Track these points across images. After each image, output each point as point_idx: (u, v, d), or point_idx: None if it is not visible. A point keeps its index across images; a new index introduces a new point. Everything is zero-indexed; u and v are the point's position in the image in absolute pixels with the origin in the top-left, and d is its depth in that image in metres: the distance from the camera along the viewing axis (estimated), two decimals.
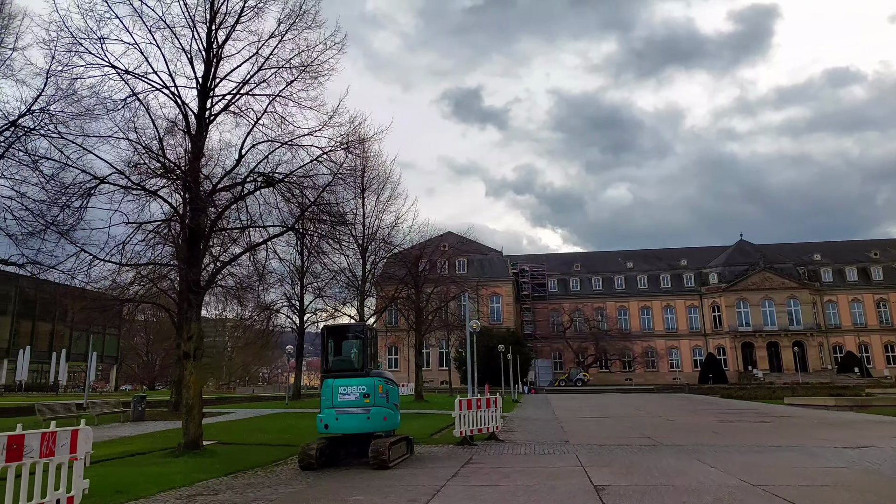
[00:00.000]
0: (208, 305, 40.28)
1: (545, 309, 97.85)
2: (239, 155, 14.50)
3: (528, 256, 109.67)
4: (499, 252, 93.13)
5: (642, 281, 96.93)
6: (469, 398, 14.87)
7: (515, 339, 75.29)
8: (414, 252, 40.01)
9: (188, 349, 13.41)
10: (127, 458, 12.55)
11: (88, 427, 6.87)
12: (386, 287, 38.13)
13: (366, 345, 11.27)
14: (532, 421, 23.00)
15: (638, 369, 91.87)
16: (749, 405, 33.53)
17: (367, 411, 10.85)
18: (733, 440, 15.40)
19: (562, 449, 13.81)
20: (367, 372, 11.13)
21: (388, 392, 11.34)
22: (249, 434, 17.65)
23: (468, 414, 14.57)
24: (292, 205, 14.91)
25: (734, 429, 18.85)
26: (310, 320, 40.51)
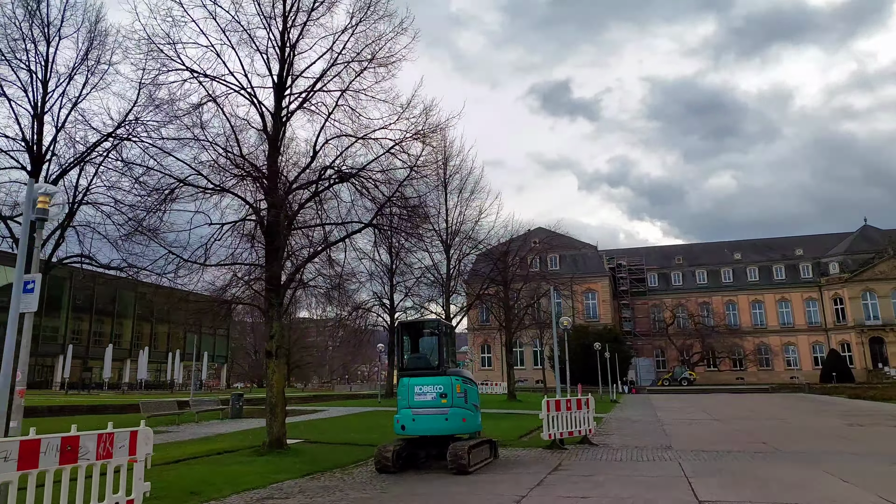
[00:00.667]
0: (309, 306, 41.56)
1: (645, 305, 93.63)
2: (313, 151, 14.34)
3: (624, 250, 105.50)
4: (593, 247, 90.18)
5: (752, 273, 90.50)
6: (558, 398, 13.89)
7: (613, 336, 72.48)
8: (501, 248, 39.23)
9: (270, 348, 13.37)
10: (214, 456, 12.64)
11: (148, 428, 6.65)
12: (473, 284, 37.56)
13: (441, 342, 10.64)
14: (631, 423, 21.54)
15: (750, 368, 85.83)
16: (881, 406, 29.99)
17: (445, 412, 10.22)
18: (866, 447, 13.45)
19: (663, 455, 12.54)
20: (443, 370, 10.50)
21: (466, 392, 10.65)
22: (337, 433, 17.56)
23: (557, 416, 13.60)
24: (368, 199, 14.56)
25: (866, 434, 16.61)
26: (400, 319, 40.68)
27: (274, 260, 13.67)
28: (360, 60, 14.57)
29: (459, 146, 28.14)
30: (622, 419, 23.58)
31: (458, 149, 28.50)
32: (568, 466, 11.13)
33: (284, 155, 14.78)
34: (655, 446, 14.10)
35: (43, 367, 61.84)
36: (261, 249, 15.76)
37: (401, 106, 14.76)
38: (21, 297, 6.95)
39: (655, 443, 14.83)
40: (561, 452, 13.01)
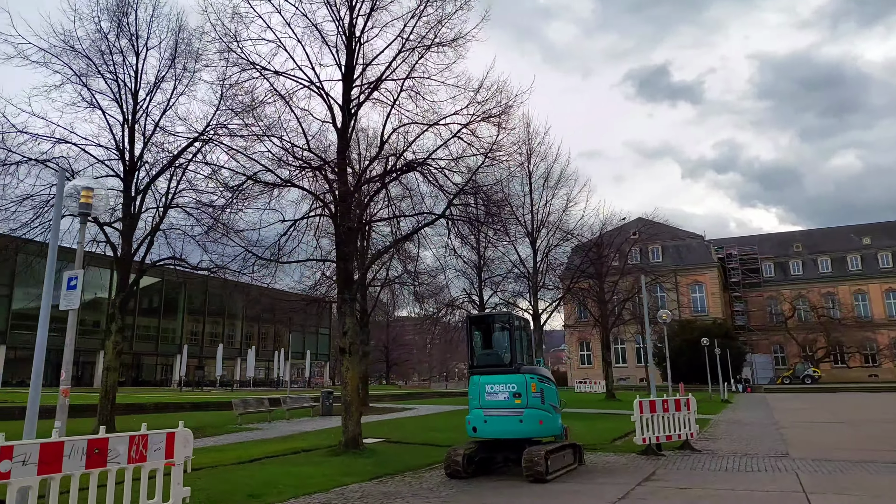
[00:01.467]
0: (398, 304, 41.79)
1: (759, 297, 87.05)
2: (381, 141, 13.86)
3: (735, 239, 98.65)
4: (699, 236, 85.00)
5: (885, 259, 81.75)
6: (652, 399, 12.55)
7: (724, 331, 67.82)
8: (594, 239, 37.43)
9: (344, 345, 13.02)
10: (289, 455, 12.45)
11: (187, 430, 6.28)
12: (566, 279, 36.02)
13: (513, 337, 9.73)
14: (742, 425, 19.51)
15: (885, 364, 77.50)
16: None
17: (520, 413, 9.32)
18: None
19: (777, 465, 10.93)
20: (516, 368, 9.60)
21: (542, 391, 9.68)
22: (420, 432, 17.05)
23: (652, 418, 12.28)
24: (438, 189, 13.89)
25: None
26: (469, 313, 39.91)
27: (345, 256, 13.30)
28: (428, 45, 13.93)
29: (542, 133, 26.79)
30: (732, 421, 21.49)
31: (540, 135, 27.15)
32: (662, 476, 9.87)
33: (353, 148, 14.38)
34: (769, 454, 12.40)
35: (163, 366, 66.55)
36: None
37: (473, 90, 13.99)
38: (64, 294, 6.81)
39: (769, 449, 13.09)
40: (656, 459, 11.71)
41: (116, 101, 17.16)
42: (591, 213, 29.41)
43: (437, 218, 14.62)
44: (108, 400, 15.65)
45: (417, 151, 13.89)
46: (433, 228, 16.45)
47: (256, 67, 13.33)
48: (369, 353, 30.77)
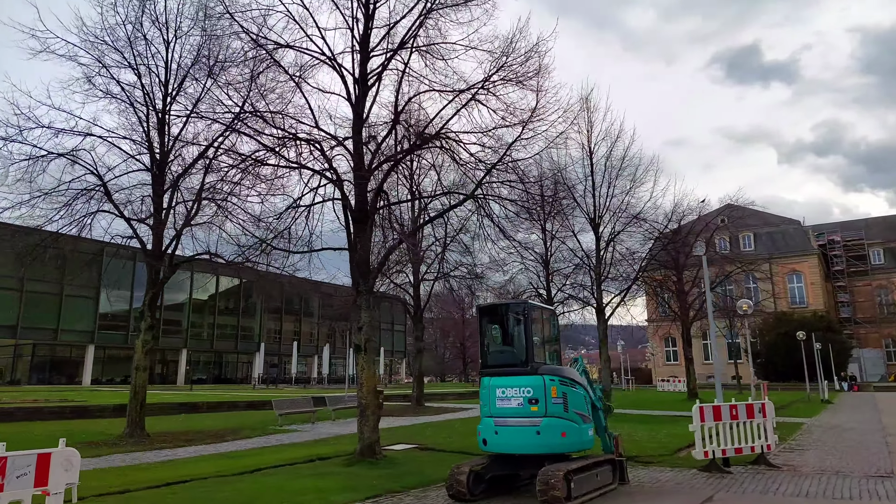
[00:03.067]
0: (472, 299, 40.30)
1: (867, 286, 79.38)
2: (395, 114, 12.43)
3: (837, 224, 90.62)
4: (796, 221, 78.48)
5: None
6: (717, 404, 10.47)
7: (825, 324, 62.06)
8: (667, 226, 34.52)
9: (359, 341, 11.74)
10: (301, 464, 11.33)
11: (70, 449, 5.13)
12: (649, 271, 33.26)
13: (529, 329, 8.06)
14: (840, 432, 16.73)
15: None
16: None
17: (537, 423, 7.68)
18: None
19: (878, 489, 8.67)
20: (533, 368, 7.94)
21: (565, 396, 7.97)
22: (463, 437, 15.55)
23: (716, 427, 10.22)
24: (462, 167, 12.36)
25: None
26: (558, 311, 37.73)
27: (360, 243, 12.02)
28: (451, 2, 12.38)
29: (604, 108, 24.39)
30: (830, 427, 18.62)
31: (601, 111, 24.83)
32: (721, 500, 7.94)
33: (369, 125, 13.08)
34: (868, 472, 10.04)
35: (244, 364, 68.48)
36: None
37: (503, 53, 12.32)
38: None
39: (869, 466, 10.67)
40: (720, 478, 9.67)
41: (145, 93, 16.75)
42: (660, 194, 26.07)
43: (465, 199, 13.10)
44: (137, 401, 15.21)
45: (438, 124, 12.39)
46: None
47: (256, 41, 12.26)
48: (423, 350, 29.49)
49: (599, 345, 24.94)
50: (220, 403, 25.16)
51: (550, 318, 9.04)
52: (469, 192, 12.97)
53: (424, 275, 27.55)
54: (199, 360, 65.60)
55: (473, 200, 12.80)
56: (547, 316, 8.90)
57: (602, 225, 24.13)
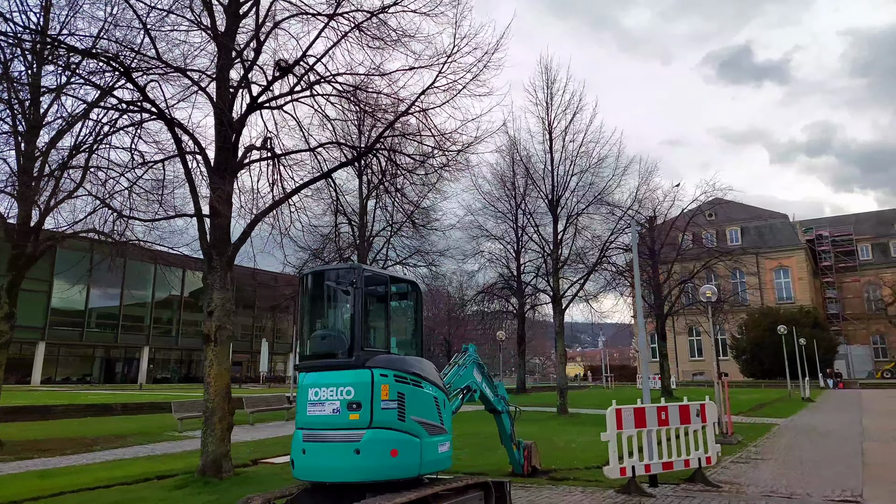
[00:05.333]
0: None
1: (856, 282, 77.88)
2: (257, 41, 10.02)
3: (827, 219, 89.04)
4: (783, 215, 76.66)
5: None
6: (641, 406, 8.26)
7: (812, 320, 60.26)
8: (646, 213, 32.39)
9: (208, 330, 9.44)
10: (133, 484, 9.06)
11: None
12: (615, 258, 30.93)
13: (358, 306, 5.80)
14: (813, 437, 14.60)
15: None
16: None
17: (356, 437, 5.43)
18: None
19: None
20: (358, 359, 5.69)
21: (402, 398, 5.71)
22: None
23: (638, 435, 8.03)
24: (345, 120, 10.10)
25: None
26: (530, 303, 35.48)
27: (217, 205, 9.70)
28: None
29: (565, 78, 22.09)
30: (803, 429, 16.51)
31: (562, 81, 22.38)
32: None
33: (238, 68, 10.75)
34: (830, 497, 7.84)
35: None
36: None
37: None
38: None
39: (834, 486, 8.48)
40: (638, 502, 7.49)
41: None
42: (623, 173, 23.21)
43: (358, 156, 10.86)
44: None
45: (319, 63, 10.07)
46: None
47: None
48: None
49: (556, 338, 22.71)
50: (141, 405, 22.77)
51: (408, 292, 6.75)
52: (366, 146, 10.73)
53: (372, 263, 25.27)
54: (169, 359, 63.19)
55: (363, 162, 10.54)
56: (400, 289, 6.63)
57: (561, 206, 21.89)
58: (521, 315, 35.96)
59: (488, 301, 38.50)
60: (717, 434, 13.70)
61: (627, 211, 23.23)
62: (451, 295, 60.87)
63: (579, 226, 23.19)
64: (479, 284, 38.84)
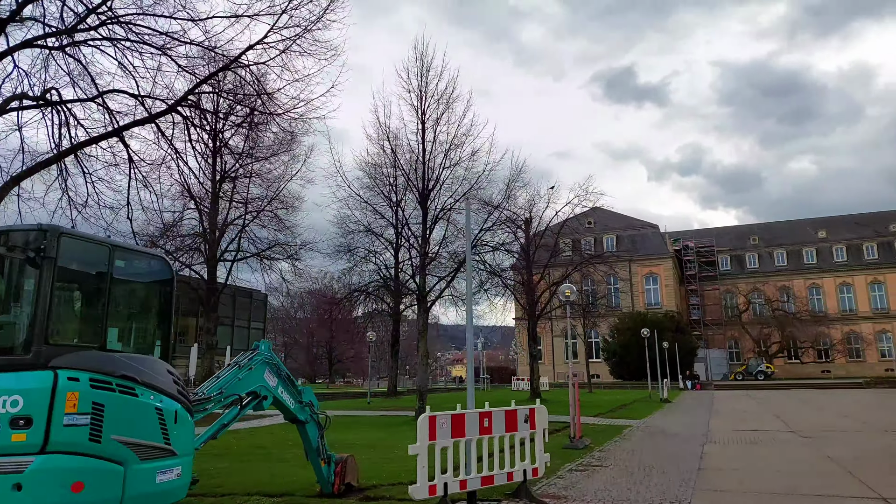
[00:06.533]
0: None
1: (716, 290, 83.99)
2: None
3: (692, 231, 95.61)
4: (654, 225, 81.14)
5: (839, 253, 79.40)
6: (459, 412, 7.21)
7: (675, 325, 63.95)
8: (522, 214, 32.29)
9: None
10: None
11: None
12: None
13: (47, 283, 4.23)
14: (660, 439, 14.46)
15: (838, 359, 74.94)
16: None
17: (19, 467, 3.87)
18: None
19: None
20: (37, 355, 4.12)
21: (99, 411, 4.20)
22: None
23: (454, 446, 6.96)
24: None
25: None
26: (407, 303, 34.36)
27: None
28: None
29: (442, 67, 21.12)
30: (654, 431, 16.50)
31: (428, 56, 21.25)
32: None
33: None
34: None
35: None
36: None
37: None
38: None
39: (664, 495, 7.89)
40: None
41: None
42: (496, 167, 22.42)
43: (166, 111, 9.07)
44: None
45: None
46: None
47: None
48: (215, 345, 24.94)
49: (419, 338, 21.69)
50: None
51: (149, 272, 5.19)
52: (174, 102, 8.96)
53: (223, 254, 23.01)
54: None
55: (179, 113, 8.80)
56: (136, 268, 5.07)
57: (431, 199, 20.89)
58: (395, 315, 34.75)
59: (364, 301, 36.98)
60: (567, 439, 13.14)
61: (496, 208, 22.61)
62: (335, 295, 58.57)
63: (451, 221, 22.36)
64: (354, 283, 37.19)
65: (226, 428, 6.31)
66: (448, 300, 27.52)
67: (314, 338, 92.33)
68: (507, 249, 27.24)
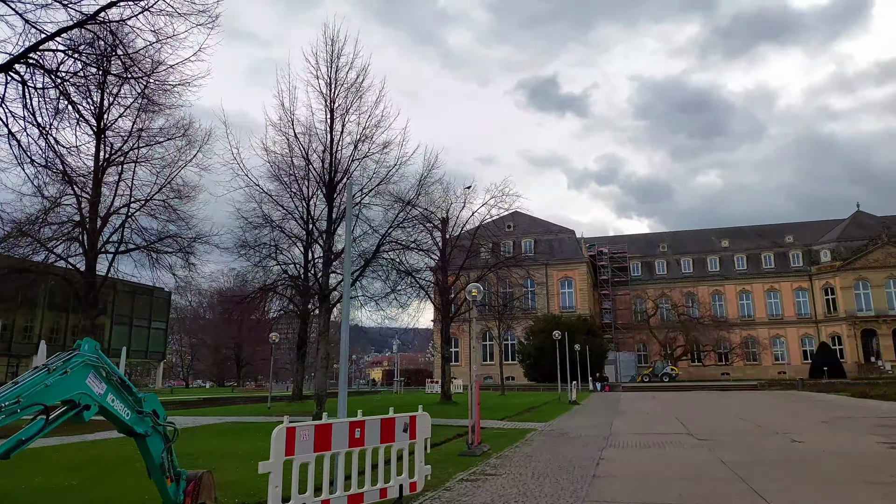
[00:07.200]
0: None
1: (626, 295, 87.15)
2: None
3: (607, 238, 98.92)
4: (570, 231, 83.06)
5: (740, 261, 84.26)
6: (325, 422, 6.36)
7: (587, 328, 65.47)
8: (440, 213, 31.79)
9: None
10: None
11: None
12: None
13: None
14: (561, 443, 14.14)
15: (736, 362, 79.38)
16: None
17: None
18: None
19: None
20: None
21: None
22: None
23: (318, 461, 6.10)
24: None
25: None
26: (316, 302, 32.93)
27: None
28: None
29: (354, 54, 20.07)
30: (557, 434, 16.20)
31: (340, 41, 20.21)
32: None
33: None
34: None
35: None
36: None
37: None
38: None
39: (559, 502, 7.37)
40: None
41: None
42: (402, 159, 21.33)
43: None
44: None
45: None
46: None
47: None
48: None
49: (319, 340, 20.61)
50: None
51: None
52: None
53: (104, 246, 20.97)
54: None
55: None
56: None
57: (337, 192, 19.83)
58: (303, 315, 33.32)
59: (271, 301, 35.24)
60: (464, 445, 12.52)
61: (408, 204, 21.85)
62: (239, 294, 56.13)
63: (361, 217, 21.38)
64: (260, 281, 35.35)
65: (25, 445, 5.17)
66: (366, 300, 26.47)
67: (222, 339, 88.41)
68: (420, 248, 26.45)
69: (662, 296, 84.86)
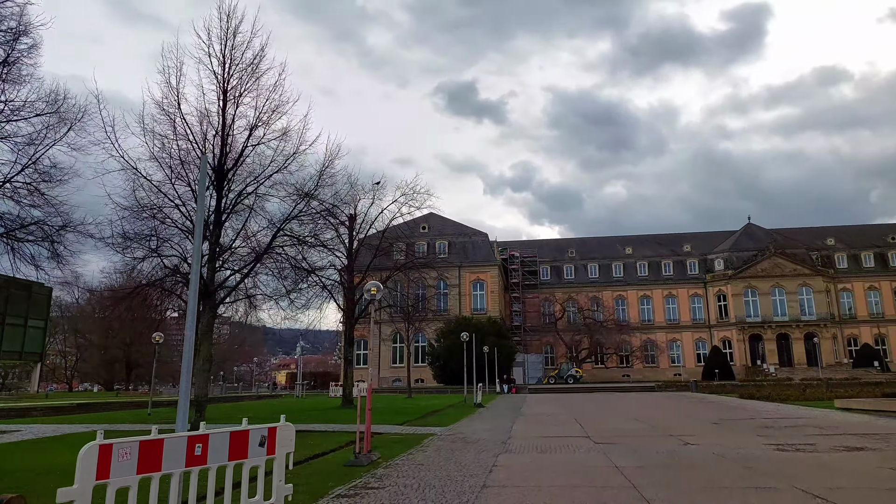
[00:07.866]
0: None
1: (536, 299, 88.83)
2: None
3: (519, 242, 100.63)
4: (483, 234, 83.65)
5: (642, 268, 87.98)
6: (155, 438, 5.31)
7: (496, 329, 65.97)
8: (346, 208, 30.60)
9: None
10: None
11: None
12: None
13: None
14: (456, 449, 13.48)
15: (636, 364, 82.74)
16: (790, 411, 24.12)
17: None
18: None
19: None
20: None
21: None
22: None
23: (143, 485, 5.05)
24: None
25: (829, 470, 9.33)
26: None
27: None
28: None
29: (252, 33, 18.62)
30: (455, 439, 15.58)
31: (248, 34, 18.79)
32: None
33: None
34: None
35: None
36: None
37: None
38: None
39: None
40: None
41: None
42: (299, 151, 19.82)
43: None
44: None
45: None
46: None
47: None
48: None
49: (198, 341, 18.98)
50: None
51: None
52: None
53: None
54: None
55: None
56: None
57: (228, 180, 18.33)
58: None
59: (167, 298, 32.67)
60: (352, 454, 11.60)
61: (308, 196, 20.60)
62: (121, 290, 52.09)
63: (254, 208, 19.94)
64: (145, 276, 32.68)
65: None
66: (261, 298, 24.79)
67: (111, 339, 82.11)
68: (321, 243, 25.12)
69: (570, 299, 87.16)
